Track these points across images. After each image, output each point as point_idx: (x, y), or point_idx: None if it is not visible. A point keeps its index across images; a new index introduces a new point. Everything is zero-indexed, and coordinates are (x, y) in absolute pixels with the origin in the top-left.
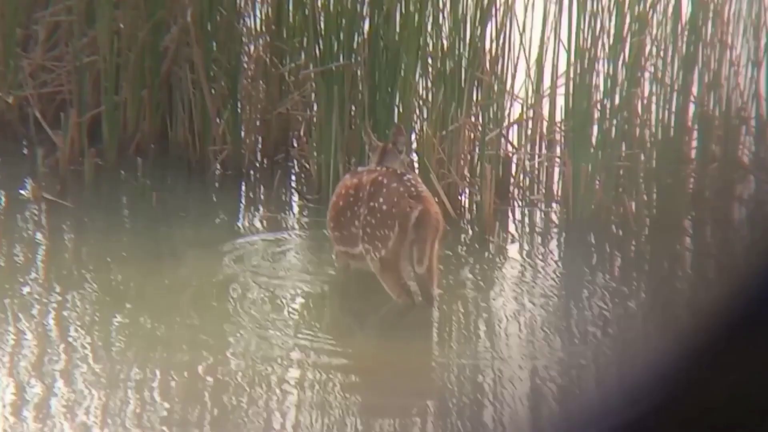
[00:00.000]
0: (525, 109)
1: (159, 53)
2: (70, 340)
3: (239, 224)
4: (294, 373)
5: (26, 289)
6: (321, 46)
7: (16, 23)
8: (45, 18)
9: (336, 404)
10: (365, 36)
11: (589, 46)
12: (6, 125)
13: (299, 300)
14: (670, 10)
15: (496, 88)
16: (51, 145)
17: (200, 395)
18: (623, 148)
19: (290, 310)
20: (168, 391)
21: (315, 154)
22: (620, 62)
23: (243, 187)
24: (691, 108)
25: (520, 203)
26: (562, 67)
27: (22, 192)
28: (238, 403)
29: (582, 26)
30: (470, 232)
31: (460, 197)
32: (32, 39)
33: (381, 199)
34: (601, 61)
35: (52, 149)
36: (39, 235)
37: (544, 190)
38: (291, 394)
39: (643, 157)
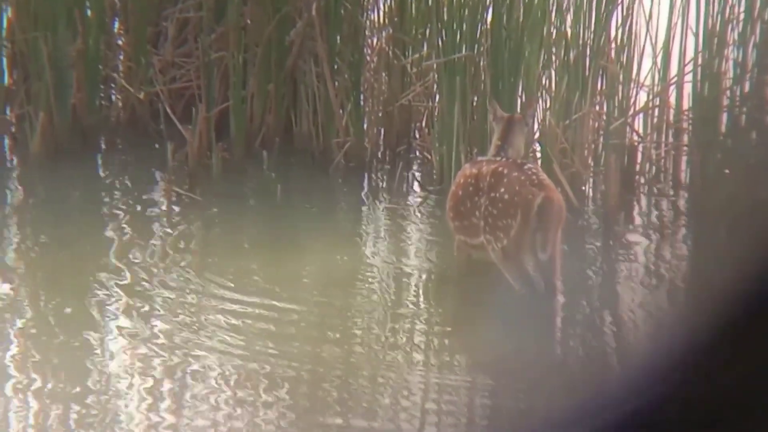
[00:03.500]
0: (651, 97)
1: (284, 48)
2: (206, 323)
3: (362, 214)
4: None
5: (162, 278)
6: (443, 37)
7: (146, 21)
8: (174, 15)
9: (459, 399)
10: (488, 26)
11: (718, 30)
12: (137, 121)
13: (422, 291)
14: None
15: (621, 76)
16: (180, 139)
17: (331, 381)
18: (753, 136)
19: (413, 299)
20: (299, 377)
21: (437, 144)
22: (750, 47)
23: (366, 179)
24: None
25: (645, 193)
26: (689, 53)
27: (152, 185)
28: (367, 389)
29: (711, 11)
30: (594, 222)
31: (583, 187)
32: (162, 36)
33: (502, 189)
34: (730, 47)
35: (182, 144)
36: (169, 228)
37: (671, 180)
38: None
39: None
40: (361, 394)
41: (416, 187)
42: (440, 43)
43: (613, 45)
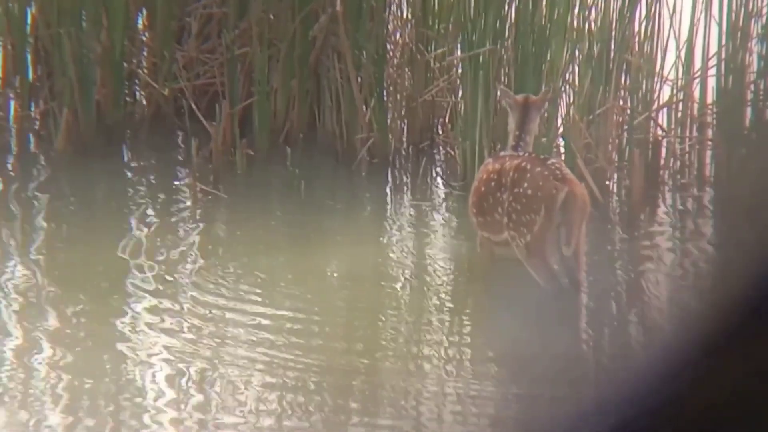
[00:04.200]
0: (675, 91)
1: (308, 43)
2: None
3: (386, 211)
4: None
5: (186, 275)
6: (467, 32)
7: (170, 17)
8: (198, 11)
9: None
10: (511, 20)
11: (741, 24)
12: (162, 117)
13: (447, 287)
14: None
15: (645, 70)
16: (205, 135)
17: (356, 377)
18: None
19: (438, 296)
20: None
21: (460, 140)
22: None
23: (389, 174)
24: None
25: (669, 188)
26: (713, 47)
27: (177, 182)
28: (390, 386)
29: (733, 4)
30: (619, 217)
31: (607, 182)
32: (186, 32)
33: (525, 184)
34: (753, 40)
35: (206, 140)
36: (192, 223)
37: (695, 174)
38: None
39: None
40: (387, 391)
41: (440, 182)
42: (463, 37)
43: (637, 39)
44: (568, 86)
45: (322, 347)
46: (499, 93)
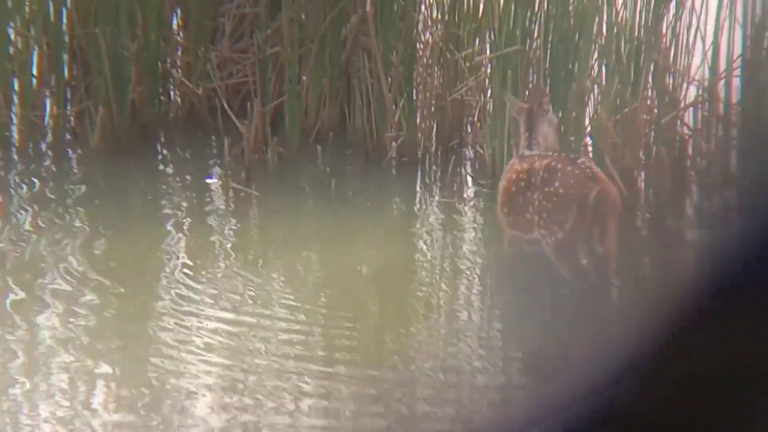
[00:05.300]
0: (701, 90)
1: (339, 43)
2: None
3: (416, 208)
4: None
5: (220, 273)
6: (496, 31)
7: (204, 16)
8: (231, 11)
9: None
10: (540, 20)
11: (765, 26)
12: (195, 116)
13: (476, 283)
14: None
15: (671, 70)
16: (237, 134)
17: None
18: None
19: (466, 293)
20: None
21: (489, 139)
22: None
23: (419, 173)
24: None
25: (696, 186)
26: (737, 47)
27: (209, 180)
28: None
29: (758, 7)
30: (646, 215)
31: (635, 181)
32: (219, 32)
33: (557, 183)
34: None
35: (238, 138)
36: (225, 221)
37: (721, 173)
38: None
39: None
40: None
41: (469, 181)
42: (492, 37)
43: (664, 39)
44: (596, 86)
45: (352, 347)
46: (506, 99)
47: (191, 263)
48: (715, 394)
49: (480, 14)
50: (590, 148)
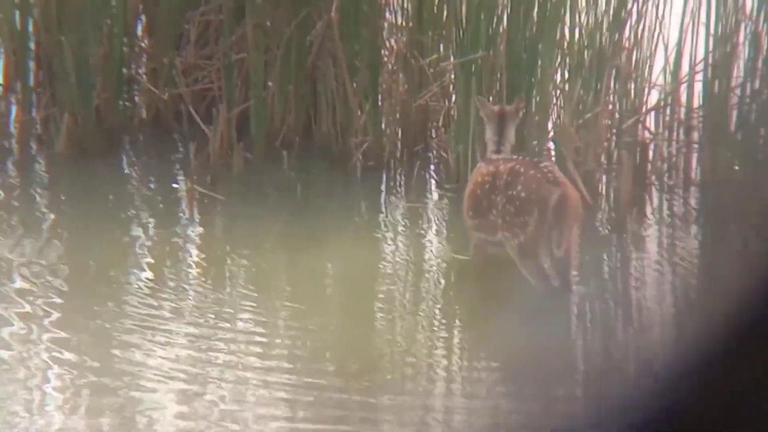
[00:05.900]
0: (663, 95)
1: (304, 49)
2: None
3: (381, 213)
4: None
5: (184, 277)
6: (460, 38)
7: (169, 24)
8: (196, 18)
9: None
10: (503, 27)
11: (729, 30)
12: (161, 121)
13: (439, 287)
14: None
15: (633, 75)
16: (203, 139)
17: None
18: (762, 132)
19: (431, 296)
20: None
21: (453, 144)
22: (765, 45)
23: (384, 177)
24: None
25: (657, 189)
26: (700, 52)
27: (175, 185)
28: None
29: (721, 11)
30: (608, 218)
31: (597, 185)
32: (184, 38)
33: (519, 187)
34: (739, 46)
35: (204, 144)
36: (190, 225)
37: (682, 177)
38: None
39: None
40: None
41: (433, 185)
42: (456, 43)
43: (626, 45)
44: (558, 91)
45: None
46: (476, 103)
47: (155, 267)
48: (676, 393)
49: (444, 21)
50: (553, 152)
